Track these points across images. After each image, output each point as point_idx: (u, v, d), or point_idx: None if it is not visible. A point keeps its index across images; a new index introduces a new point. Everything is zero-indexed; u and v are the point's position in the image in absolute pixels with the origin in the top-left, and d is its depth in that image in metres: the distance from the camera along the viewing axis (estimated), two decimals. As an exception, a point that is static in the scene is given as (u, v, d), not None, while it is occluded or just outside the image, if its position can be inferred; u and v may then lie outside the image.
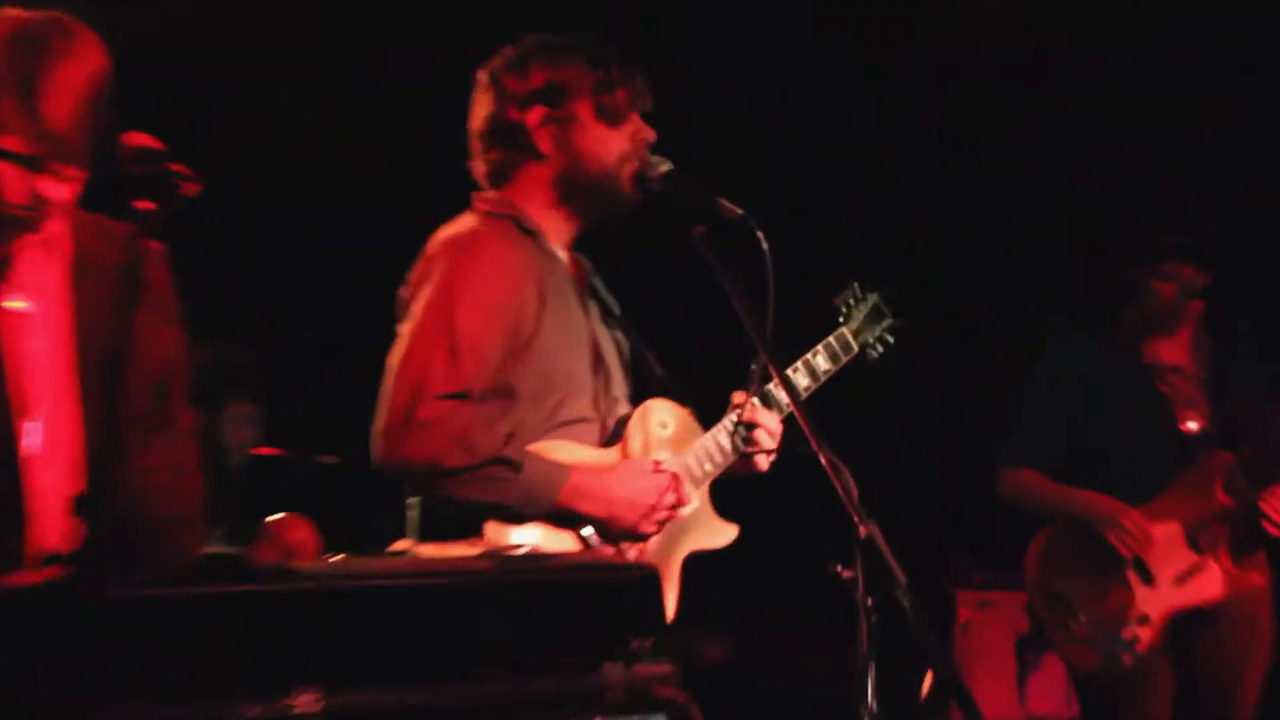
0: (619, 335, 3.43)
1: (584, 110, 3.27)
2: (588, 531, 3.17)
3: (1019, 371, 4.74)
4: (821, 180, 5.94)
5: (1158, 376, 4.58)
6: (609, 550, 3.18)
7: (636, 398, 3.41)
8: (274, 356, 4.88)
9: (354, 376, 3.26)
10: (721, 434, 3.36)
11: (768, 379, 3.34)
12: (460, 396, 3.09)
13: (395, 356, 3.14)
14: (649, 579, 2.60)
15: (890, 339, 3.74)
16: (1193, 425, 4.56)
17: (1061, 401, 4.60)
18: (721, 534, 3.39)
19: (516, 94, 3.27)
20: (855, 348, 3.64)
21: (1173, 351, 4.61)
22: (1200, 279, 4.50)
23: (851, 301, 3.71)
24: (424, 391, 3.08)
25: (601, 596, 2.55)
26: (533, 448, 3.16)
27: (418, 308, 3.17)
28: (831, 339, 3.60)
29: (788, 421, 3.37)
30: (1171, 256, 4.50)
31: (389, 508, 3.27)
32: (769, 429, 3.37)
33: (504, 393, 3.17)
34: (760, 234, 3.11)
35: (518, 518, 3.11)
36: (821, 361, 3.57)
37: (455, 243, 3.25)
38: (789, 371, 3.48)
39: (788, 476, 3.45)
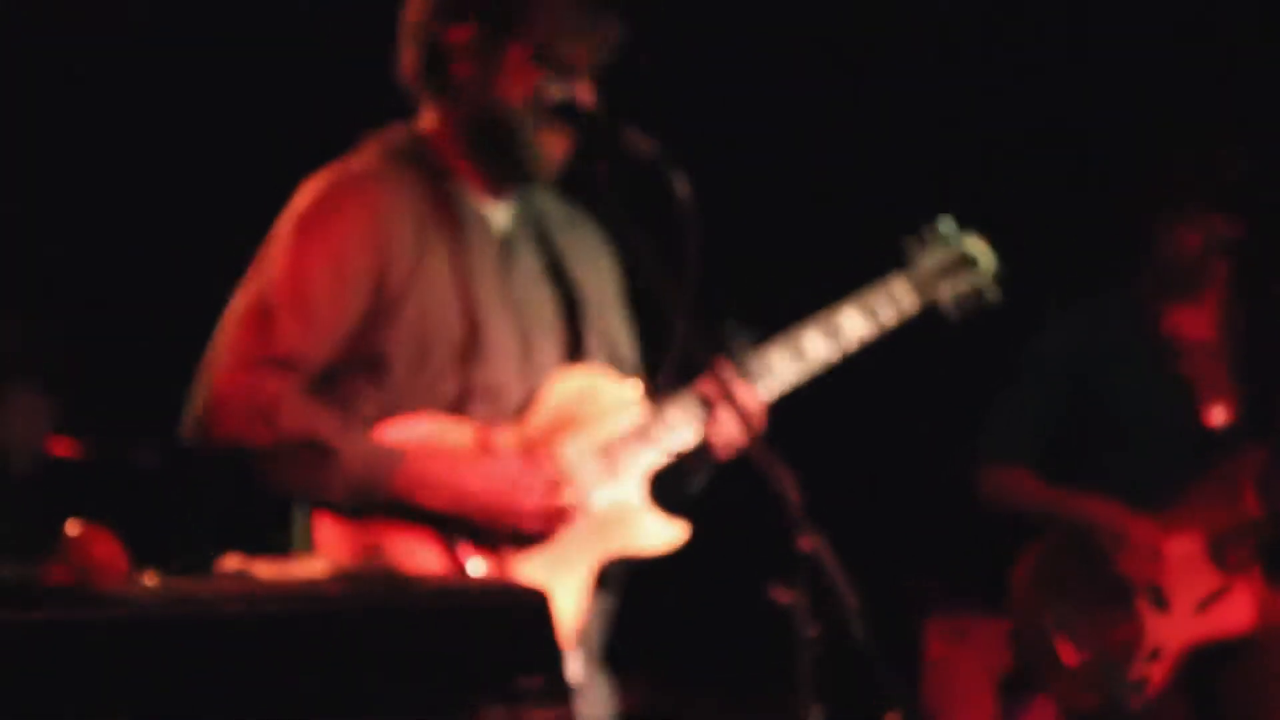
0: (579, 296, 3.45)
1: (520, 51, 3.28)
2: (475, 567, 3.22)
3: (1010, 352, 4.80)
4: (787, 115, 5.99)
5: (1178, 354, 4.64)
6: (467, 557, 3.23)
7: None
8: (71, 334, 4.88)
9: (183, 354, 3.28)
10: (671, 411, 3.37)
11: (749, 342, 3.37)
12: (276, 364, 3.16)
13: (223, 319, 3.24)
14: (538, 604, 2.65)
15: (988, 295, 3.64)
16: (1219, 416, 4.63)
17: (1060, 385, 4.65)
18: (653, 534, 3.37)
19: None
20: (911, 304, 3.54)
21: (1196, 322, 4.66)
22: (1230, 229, 4.54)
23: (929, 243, 3.62)
24: (232, 359, 3.17)
25: (480, 624, 2.60)
26: (387, 427, 3.22)
27: (254, 263, 3.26)
28: (873, 291, 3.52)
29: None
30: (1195, 200, 4.54)
31: (218, 517, 3.31)
32: (740, 407, 3.25)
33: (369, 363, 3.24)
34: (676, 175, 3.15)
35: (350, 512, 3.17)
36: (850, 321, 3.48)
37: (314, 184, 3.31)
38: (793, 336, 3.44)
39: (714, 478, 3.49)
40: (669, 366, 3.34)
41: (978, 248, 3.66)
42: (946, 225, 3.65)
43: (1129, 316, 4.67)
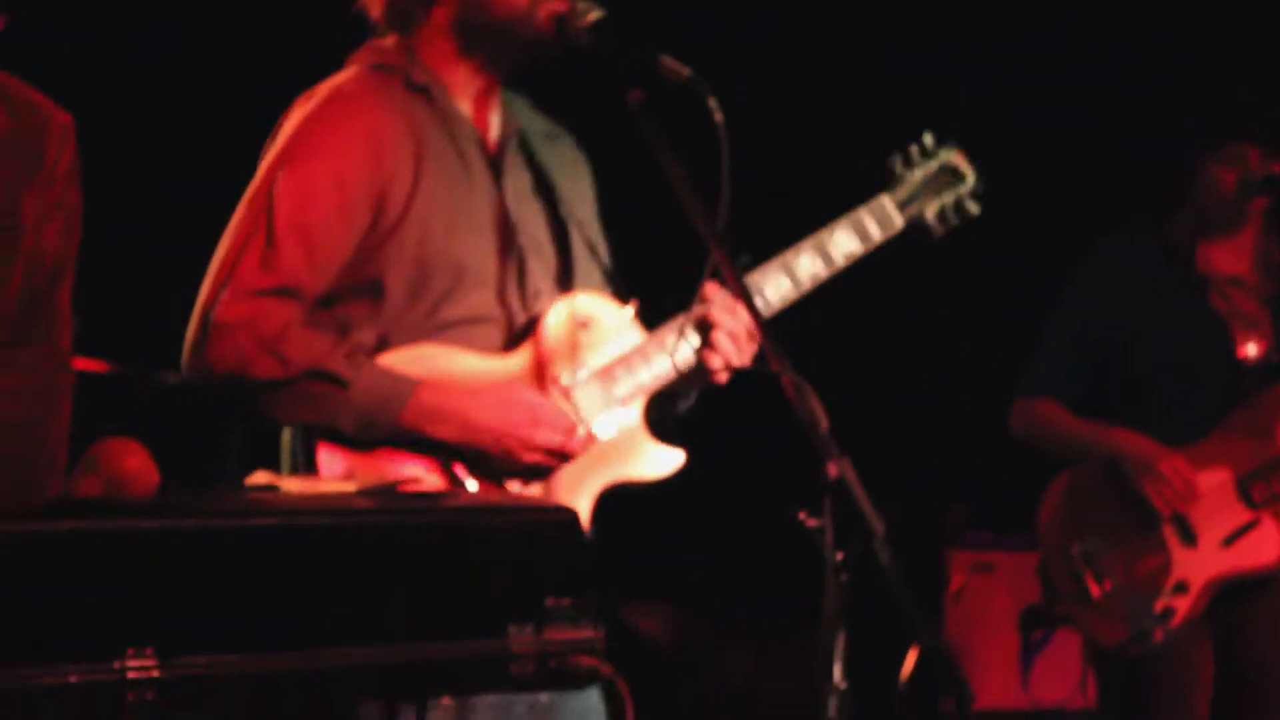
0: (564, 211, 3.46)
1: None
2: (471, 485, 3.24)
3: (1048, 289, 4.80)
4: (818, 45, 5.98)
5: (1213, 289, 4.63)
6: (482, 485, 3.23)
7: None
8: (92, 248, 4.89)
9: (199, 274, 3.29)
10: (670, 337, 3.38)
11: (745, 266, 3.36)
12: (279, 293, 3.15)
13: (219, 244, 3.22)
14: (567, 524, 2.67)
15: (969, 208, 3.66)
16: (1252, 350, 4.61)
17: (1095, 320, 4.66)
18: (654, 461, 3.39)
19: None
20: (898, 222, 3.58)
21: (1231, 258, 4.66)
22: (1268, 166, 4.52)
23: (913, 159, 3.63)
24: (232, 288, 3.14)
25: (507, 544, 2.62)
26: (393, 355, 3.21)
27: (250, 186, 3.24)
28: (863, 210, 3.55)
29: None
30: (1232, 135, 4.53)
31: (247, 435, 3.33)
32: (733, 331, 3.34)
33: (368, 288, 3.23)
34: (712, 101, 3.17)
35: (358, 443, 3.16)
36: (843, 240, 3.52)
37: (306, 103, 3.29)
38: (788, 256, 3.48)
39: (738, 400, 3.50)
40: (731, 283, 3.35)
41: (959, 160, 3.68)
42: (928, 140, 3.67)
43: (1166, 253, 4.66)
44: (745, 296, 3.03)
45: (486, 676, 2.56)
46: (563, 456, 3.27)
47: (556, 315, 3.35)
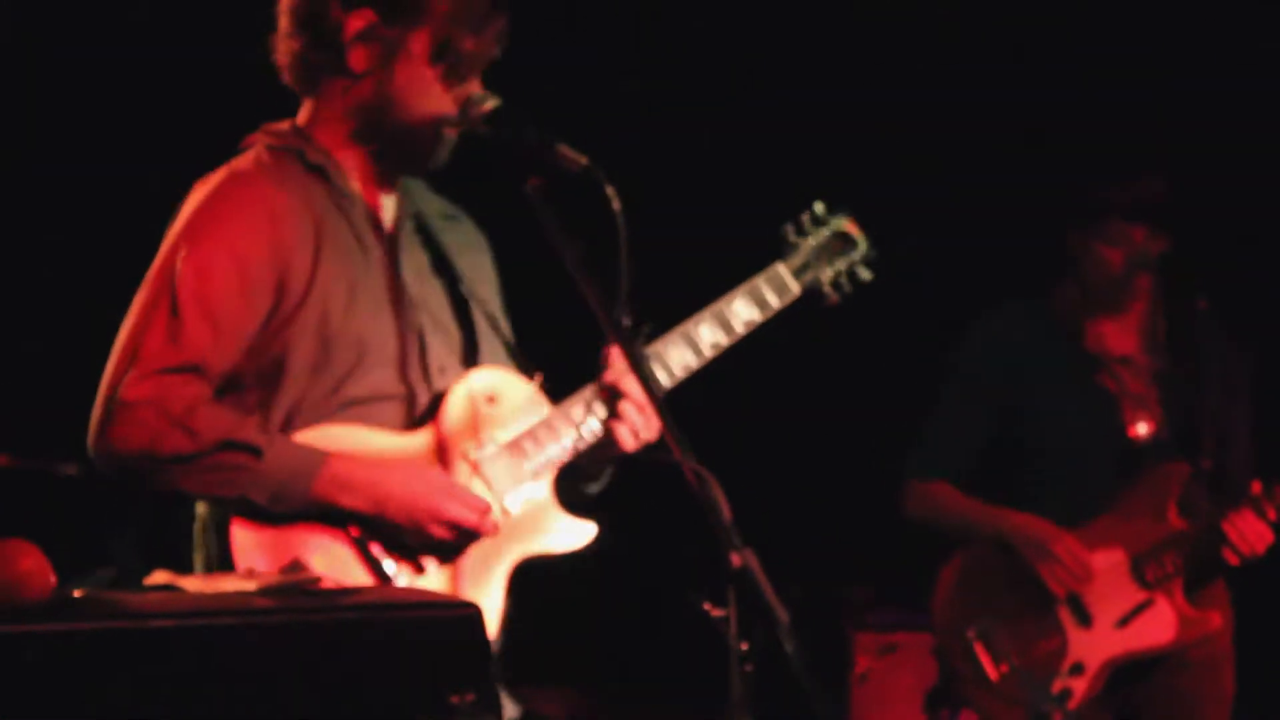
0: (464, 289, 3.47)
1: (419, 43, 3.30)
2: (390, 567, 3.22)
3: (934, 363, 4.82)
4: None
5: (1102, 368, 4.66)
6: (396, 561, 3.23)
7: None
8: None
9: (100, 363, 3.26)
10: (577, 408, 3.40)
11: (648, 337, 3.38)
12: (185, 370, 3.15)
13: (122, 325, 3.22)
14: (469, 618, 2.65)
15: (861, 274, 3.70)
16: (1143, 429, 4.65)
17: (983, 399, 4.67)
18: (566, 535, 3.40)
19: None
20: (795, 289, 3.61)
21: (1120, 337, 4.69)
22: (1154, 245, 4.56)
23: (806, 227, 3.66)
24: (138, 366, 3.14)
25: (410, 640, 2.59)
26: (303, 434, 3.21)
27: (151, 267, 3.24)
28: (760, 279, 3.58)
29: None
30: (1118, 215, 4.56)
31: (154, 527, 3.29)
32: (641, 402, 3.36)
33: (273, 367, 3.23)
34: (609, 190, 3.18)
35: (267, 516, 3.15)
36: (742, 309, 3.55)
37: (206, 185, 3.30)
38: (688, 326, 3.49)
39: (643, 489, 3.50)
40: (607, 364, 3.37)
41: (851, 228, 3.72)
42: (819, 208, 3.71)
43: (1052, 328, 4.69)
44: (648, 387, 3.04)
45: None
46: (472, 535, 3.26)
47: (458, 393, 3.35)
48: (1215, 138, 5.45)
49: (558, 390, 3.44)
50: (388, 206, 3.43)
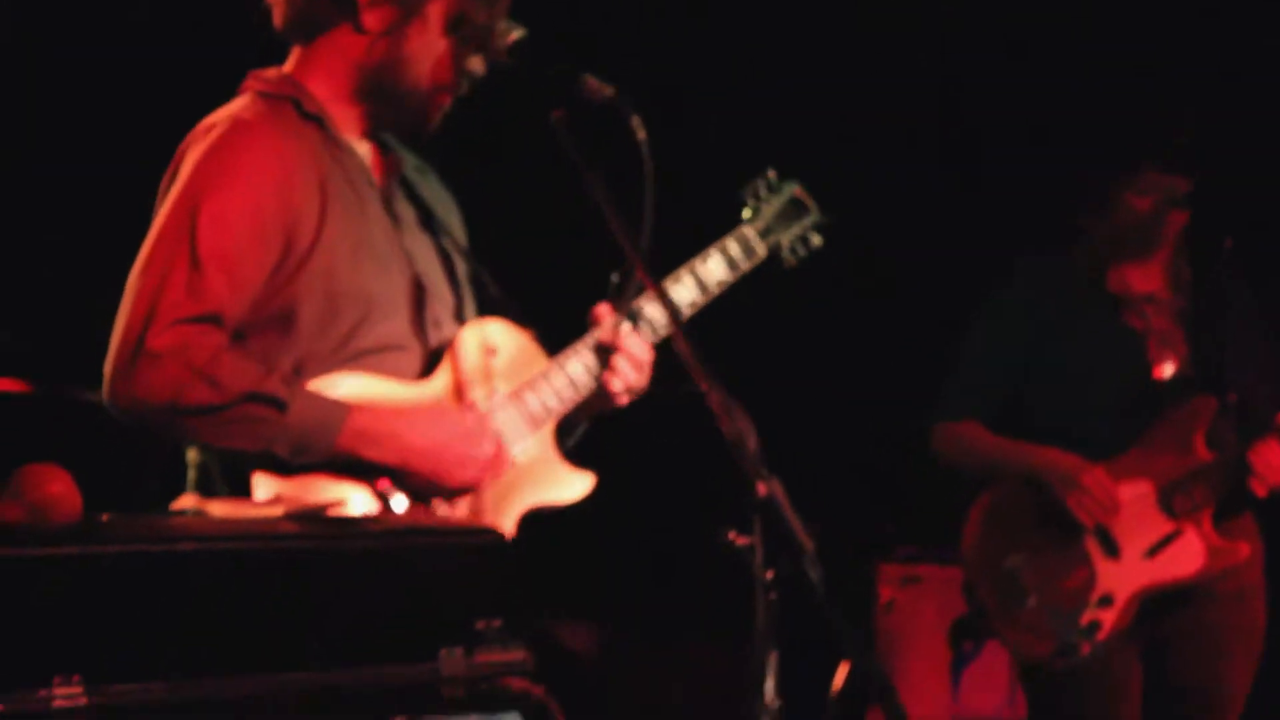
0: (448, 243, 3.48)
1: (436, 11, 3.30)
2: (398, 503, 3.23)
3: (966, 308, 4.82)
4: (723, 56, 5.98)
5: (1128, 308, 4.66)
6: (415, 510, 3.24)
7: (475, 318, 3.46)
8: (10, 268, 4.85)
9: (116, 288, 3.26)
10: (572, 362, 3.42)
11: (636, 291, 3.40)
12: (206, 320, 3.14)
13: (131, 275, 3.19)
14: (496, 545, 2.66)
15: (813, 240, 3.76)
16: (1168, 366, 4.65)
17: (1012, 340, 4.68)
18: (568, 485, 3.44)
19: None
20: (763, 251, 3.66)
21: (1146, 277, 4.69)
22: (1182, 188, 4.56)
23: (762, 193, 3.73)
24: (158, 316, 3.12)
25: (437, 567, 2.61)
26: (316, 382, 3.21)
27: (159, 215, 3.22)
28: (730, 240, 3.62)
29: (664, 351, 3.41)
30: (1147, 163, 4.56)
31: (167, 458, 3.30)
32: (634, 356, 3.42)
33: (280, 319, 3.22)
34: (635, 119, 3.18)
35: (288, 468, 3.15)
36: (715, 268, 3.59)
37: (209, 132, 3.27)
38: (667, 283, 3.51)
39: (667, 421, 3.51)
40: (618, 302, 3.38)
41: (803, 195, 3.78)
42: (772, 175, 3.76)
43: (1081, 273, 4.69)
44: (675, 317, 3.04)
45: (418, 700, 2.55)
46: (486, 476, 3.28)
47: (470, 340, 3.37)
48: (1238, 80, 5.46)
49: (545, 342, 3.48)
50: (376, 160, 3.43)
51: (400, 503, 3.23)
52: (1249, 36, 5.61)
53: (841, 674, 5.59)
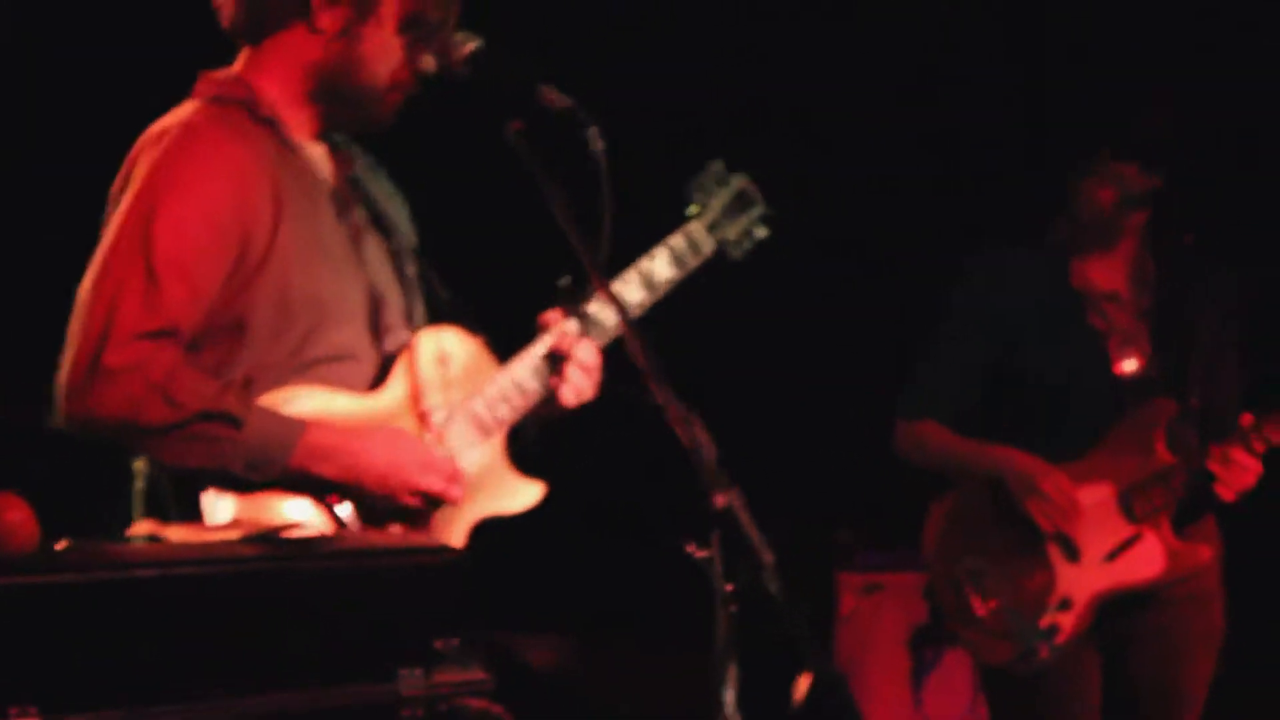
0: (398, 243, 3.47)
1: (389, 10, 3.30)
2: (344, 510, 3.23)
3: (924, 304, 4.83)
4: (677, 50, 5.98)
5: (1089, 305, 4.64)
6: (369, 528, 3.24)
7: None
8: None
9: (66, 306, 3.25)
10: (521, 369, 3.41)
11: (585, 295, 3.39)
12: (162, 335, 3.12)
13: (83, 288, 3.17)
14: (453, 564, 2.66)
15: (759, 233, 3.74)
16: (1130, 366, 4.64)
17: (975, 339, 4.66)
18: (519, 494, 3.44)
19: None
20: (710, 247, 3.63)
21: (1108, 274, 4.66)
22: (1145, 183, 4.53)
23: (709, 188, 3.69)
24: (114, 331, 3.11)
25: (395, 587, 2.61)
26: (267, 398, 3.20)
27: (112, 225, 3.20)
28: (677, 237, 3.59)
29: (613, 355, 3.40)
30: (1108, 154, 4.53)
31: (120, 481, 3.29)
32: (583, 362, 3.41)
33: (233, 328, 3.21)
34: (593, 130, 3.18)
35: (243, 485, 3.15)
36: (662, 267, 3.56)
37: (160, 139, 3.25)
38: (614, 285, 3.48)
39: (624, 430, 3.51)
40: (567, 308, 3.38)
41: (749, 188, 3.75)
42: (719, 167, 3.73)
43: (1040, 268, 4.67)
44: (630, 326, 3.05)
45: (377, 721, 2.55)
46: (439, 503, 3.28)
47: (425, 350, 3.36)
48: (1207, 74, 5.45)
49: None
50: (328, 161, 3.42)
51: (345, 510, 3.22)
52: (1220, 33, 5.61)
53: (803, 685, 5.59)
